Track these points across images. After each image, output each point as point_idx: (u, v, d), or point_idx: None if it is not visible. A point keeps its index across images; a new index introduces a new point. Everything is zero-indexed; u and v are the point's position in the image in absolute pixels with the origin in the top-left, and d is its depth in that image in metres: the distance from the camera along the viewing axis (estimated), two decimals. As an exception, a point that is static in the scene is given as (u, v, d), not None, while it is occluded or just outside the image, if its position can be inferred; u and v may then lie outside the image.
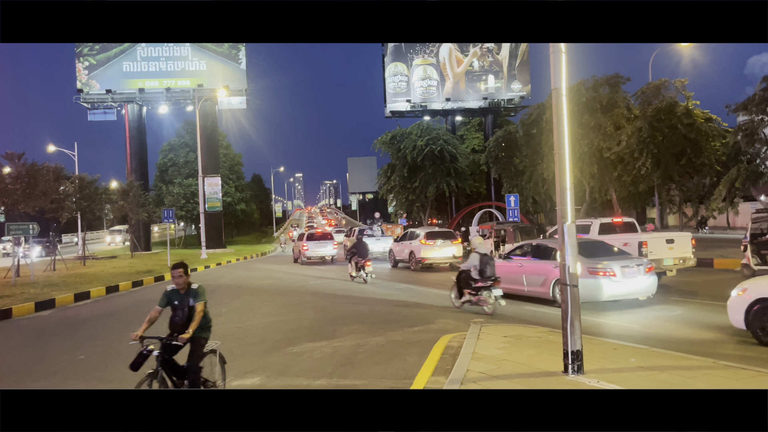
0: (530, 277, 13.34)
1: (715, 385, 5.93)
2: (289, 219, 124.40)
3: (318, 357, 8.50)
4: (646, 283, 12.02)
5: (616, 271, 11.68)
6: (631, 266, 11.91)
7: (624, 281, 11.73)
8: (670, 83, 25.59)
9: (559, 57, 6.41)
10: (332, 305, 14.32)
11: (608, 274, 11.66)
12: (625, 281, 11.74)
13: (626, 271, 11.78)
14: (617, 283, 11.65)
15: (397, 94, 53.06)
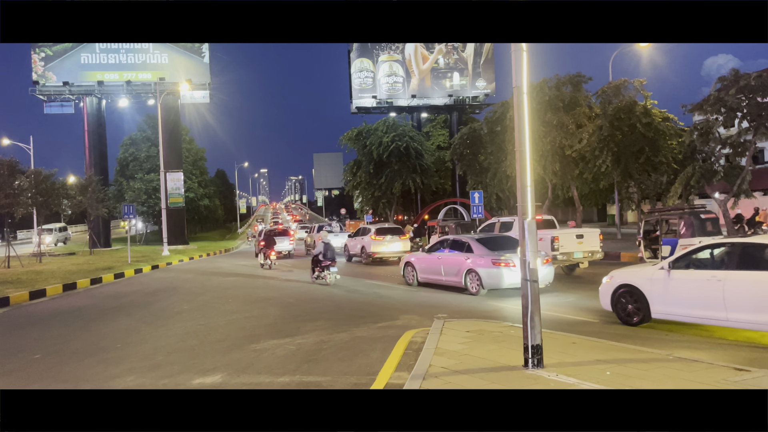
0: (447, 268, 15.24)
1: (668, 377, 6.11)
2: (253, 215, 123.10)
3: (281, 354, 8.45)
4: (543, 273, 13.24)
5: (516, 262, 12.99)
6: None
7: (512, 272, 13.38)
8: (630, 83, 26.18)
9: (521, 56, 6.49)
10: (297, 302, 14.25)
11: (509, 265, 13.45)
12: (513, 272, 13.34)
13: None
14: (517, 272, 12.68)
15: (363, 90, 53.04)
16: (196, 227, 70.52)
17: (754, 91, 21.66)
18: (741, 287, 8.36)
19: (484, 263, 14.03)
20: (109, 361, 8.59)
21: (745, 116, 22.53)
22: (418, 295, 15.02)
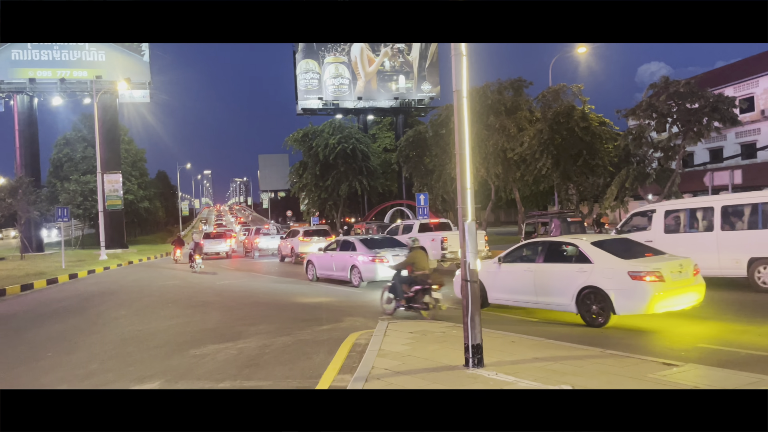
0: (337, 264, 17.43)
1: (601, 372, 6.34)
2: (196, 217, 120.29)
3: (222, 359, 8.29)
4: None
5: (389, 258, 15.57)
6: (401, 254, 15.51)
7: None
8: (568, 88, 26.99)
9: (460, 60, 6.61)
10: (239, 305, 14.02)
11: (383, 261, 15.61)
12: None
13: (396, 257, 15.22)
14: (389, 267, 14.53)
15: (309, 91, 52.73)
16: (136, 230, 68.36)
17: (683, 98, 22.76)
18: (545, 276, 10.39)
19: (363, 260, 16.18)
20: (40, 369, 8.24)
21: (675, 121, 23.64)
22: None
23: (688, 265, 9.75)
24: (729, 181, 19.87)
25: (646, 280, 8.98)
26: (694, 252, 12.37)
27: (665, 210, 14.41)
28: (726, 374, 6.13)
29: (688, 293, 9.51)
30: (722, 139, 37.76)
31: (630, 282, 9.07)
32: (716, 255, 12.92)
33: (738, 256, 12.62)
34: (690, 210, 14.08)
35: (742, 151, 37.22)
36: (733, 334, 8.79)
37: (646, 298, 8.93)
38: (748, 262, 12.61)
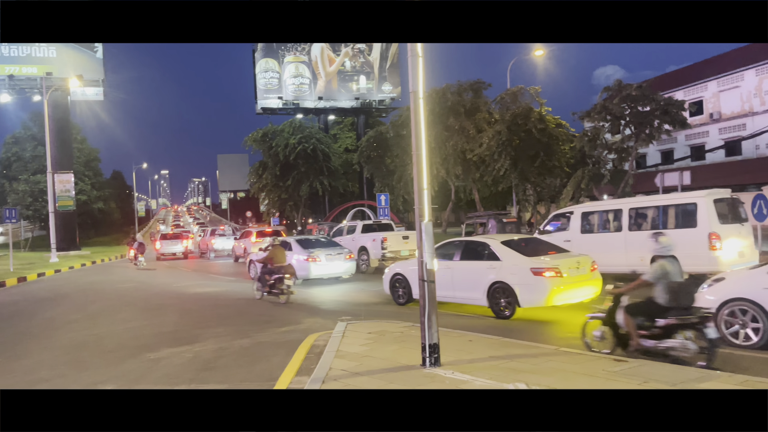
0: None
1: (556, 370, 6.47)
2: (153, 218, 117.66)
3: (178, 363, 8.14)
4: (345, 266, 17.31)
5: (322, 257, 16.77)
6: (333, 254, 17.03)
7: (327, 264, 16.85)
8: (526, 90, 27.53)
9: (416, 61, 6.64)
10: (198, 308, 13.78)
11: (316, 260, 16.74)
12: (328, 264, 16.88)
13: (330, 257, 16.87)
14: (322, 266, 16.73)
15: (269, 90, 52.23)
16: (90, 232, 66.41)
17: (636, 101, 23.45)
18: (461, 273, 11.20)
19: (298, 259, 16.89)
20: (-16, 378, 7.92)
21: (628, 124, 24.34)
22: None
23: (586, 262, 10.59)
24: (679, 182, 20.52)
25: (546, 275, 9.82)
26: (606, 251, 13.91)
27: (581, 212, 15.17)
28: (673, 369, 6.33)
29: (586, 287, 10.36)
30: (673, 141, 38.98)
31: (532, 277, 9.88)
32: (624, 254, 13.68)
33: (643, 254, 13.15)
34: (602, 212, 14.90)
35: (691, 152, 38.49)
36: None
37: (546, 291, 9.79)
38: (651, 260, 13.14)
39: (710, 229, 12.38)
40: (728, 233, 12.55)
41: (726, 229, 12.55)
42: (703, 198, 12.75)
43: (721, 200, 12.99)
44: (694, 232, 12.58)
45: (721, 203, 12.93)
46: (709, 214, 12.52)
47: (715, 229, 12.37)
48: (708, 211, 12.54)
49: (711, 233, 12.32)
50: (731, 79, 36.70)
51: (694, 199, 13.01)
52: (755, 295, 7.47)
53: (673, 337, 6.77)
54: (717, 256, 12.23)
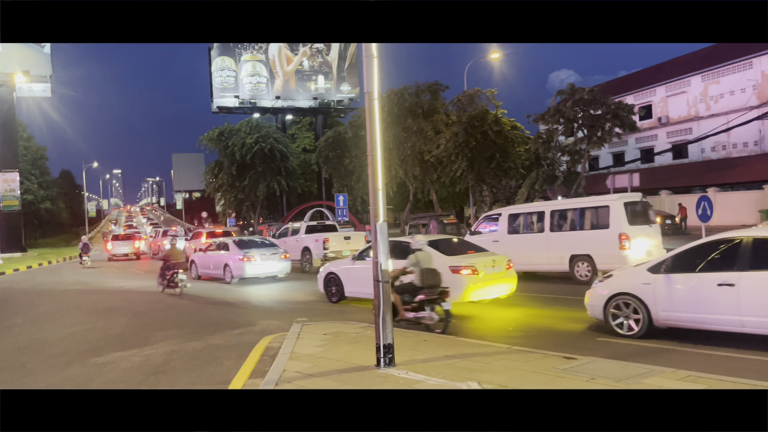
0: (214, 263, 19.15)
1: (507, 368, 6.56)
2: (105, 218, 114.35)
3: (126, 367, 7.92)
4: (280, 266, 18.19)
5: (257, 257, 17.65)
6: (268, 254, 17.90)
7: (262, 264, 17.69)
8: (482, 93, 27.89)
9: (371, 62, 6.64)
10: (148, 310, 13.44)
11: (251, 259, 17.58)
12: (263, 264, 17.71)
13: (264, 257, 17.76)
14: (257, 265, 17.59)
15: (225, 89, 51.45)
16: (37, 233, 64.16)
17: (588, 104, 24.05)
18: None
19: (234, 259, 17.89)
20: None
21: (580, 126, 24.93)
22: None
23: (502, 261, 11.22)
24: (628, 184, 21.15)
25: (463, 273, 10.37)
26: (530, 250, 14.98)
27: (508, 214, 15.98)
28: (620, 366, 6.50)
29: (501, 284, 11.05)
30: (624, 144, 40.16)
31: (450, 275, 10.28)
32: (546, 253, 14.75)
33: (562, 253, 14.45)
34: (527, 214, 15.64)
35: (641, 155, 39.74)
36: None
37: (463, 288, 10.32)
38: (569, 258, 14.31)
39: (620, 230, 13.33)
40: (637, 234, 13.47)
41: (635, 230, 13.46)
42: (615, 201, 13.72)
43: (632, 203, 13.88)
44: (606, 233, 13.54)
45: (632, 206, 13.81)
46: (620, 217, 13.44)
47: (624, 230, 13.30)
48: (619, 213, 13.46)
49: (621, 234, 13.27)
50: (678, 85, 38.06)
51: (607, 202, 13.92)
52: (636, 289, 8.22)
53: (424, 309, 9.23)
54: (626, 255, 13.09)
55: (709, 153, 36.01)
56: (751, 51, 33.10)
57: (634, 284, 8.31)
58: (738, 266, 7.30)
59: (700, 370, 6.25)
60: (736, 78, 34.07)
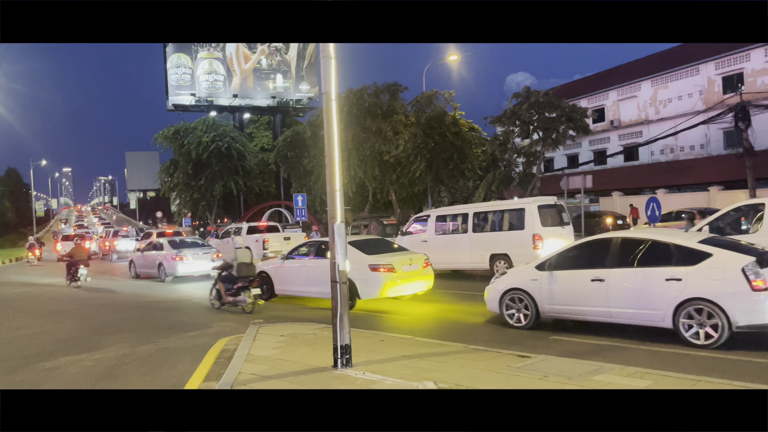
0: (148, 263, 20.15)
1: (462, 367, 6.64)
2: (54, 218, 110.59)
3: (75, 372, 7.69)
4: (212, 265, 17.84)
5: (189, 257, 18.75)
6: (200, 254, 19.05)
7: (194, 263, 18.70)
8: (441, 94, 28.11)
9: (329, 62, 6.63)
10: (98, 313, 13.07)
11: (183, 258, 18.66)
12: (195, 263, 18.71)
13: (196, 256, 18.84)
14: (189, 264, 18.67)
15: (181, 86, 50.40)
16: (-20, 233, 61.56)
17: (543, 107, 24.54)
18: (314, 270, 12.25)
19: (167, 258, 18.90)
20: None
21: (536, 129, 25.41)
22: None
23: (419, 259, 11.99)
24: (582, 185, 21.67)
25: (381, 271, 11.16)
26: (455, 250, 15.90)
27: (436, 215, 16.89)
28: (571, 363, 6.67)
29: (418, 281, 11.82)
30: (578, 146, 41.11)
31: (370, 273, 11.17)
32: (469, 252, 15.60)
33: (483, 253, 15.36)
34: (452, 215, 16.57)
35: (594, 157, 40.76)
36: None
37: (380, 285, 11.12)
38: (489, 257, 15.15)
39: (534, 231, 14.29)
40: (549, 234, 14.36)
41: (548, 231, 14.38)
42: (530, 204, 14.77)
43: (546, 206, 14.93)
44: (522, 233, 14.50)
45: (546, 209, 14.83)
46: (534, 219, 14.40)
47: (537, 231, 14.26)
48: (533, 215, 14.43)
49: (534, 234, 14.23)
50: (630, 89, 39.21)
51: (522, 205, 15.01)
52: (525, 285, 9.06)
53: (240, 295, 11.89)
54: (539, 254, 13.72)
55: (659, 156, 37.23)
56: (697, 57, 34.37)
57: (524, 280, 9.09)
58: (608, 264, 8.11)
59: (647, 366, 6.47)
60: (684, 83, 35.31)
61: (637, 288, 7.82)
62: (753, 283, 6.94)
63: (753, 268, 7.01)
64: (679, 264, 7.53)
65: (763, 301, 6.91)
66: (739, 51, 31.98)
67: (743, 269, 7.03)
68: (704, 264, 7.33)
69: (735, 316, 7.02)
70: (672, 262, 7.63)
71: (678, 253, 7.66)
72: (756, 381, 5.79)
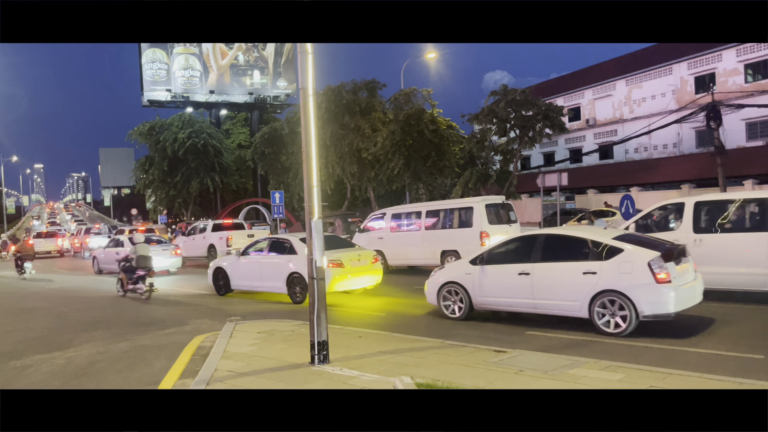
0: (109, 260, 20.55)
1: (439, 362, 6.69)
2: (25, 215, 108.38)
3: (47, 370, 7.56)
4: (171, 261, 19.91)
5: None
6: (159, 250, 18.85)
7: (154, 258, 17.56)
8: (419, 92, 28.15)
9: (306, 58, 6.61)
10: (72, 311, 12.86)
11: None
12: (155, 258, 17.24)
13: (156, 253, 17.64)
14: None
15: (156, 82, 49.70)
16: (-51, 230, 60.13)
17: (520, 105, 24.71)
18: (267, 266, 12.86)
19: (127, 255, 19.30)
20: None
21: (513, 127, 25.59)
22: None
23: (368, 255, 12.57)
24: (557, 183, 21.89)
25: (329, 266, 11.30)
26: (409, 246, 16.61)
27: (392, 213, 17.53)
28: (546, 358, 6.75)
29: (366, 276, 12.31)
30: (554, 144, 41.55)
31: None
32: (422, 249, 16.23)
33: (435, 249, 15.99)
34: (407, 213, 17.25)
35: (570, 155, 41.20)
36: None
37: (328, 280, 11.04)
38: (440, 253, 15.78)
39: (481, 228, 14.92)
40: (496, 232, 14.95)
41: (494, 228, 15.01)
42: (478, 203, 15.39)
43: (493, 205, 15.64)
44: (470, 231, 15.17)
45: (493, 208, 15.55)
46: (481, 217, 15.06)
47: (485, 228, 14.89)
48: (480, 214, 15.09)
49: (482, 231, 14.86)
50: (605, 88, 39.71)
51: (471, 204, 15.63)
52: (460, 278, 9.61)
53: (138, 284, 13.90)
54: None
55: (633, 154, 37.78)
56: (671, 57, 34.94)
57: (460, 274, 9.66)
58: (533, 258, 8.75)
59: (621, 360, 6.58)
60: (657, 83, 35.86)
61: (558, 281, 8.42)
62: (657, 276, 7.51)
63: (658, 262, 7.59)
64: (595, 259, 8.11)
65: (666, 292, 7.50)
66: (711, 51, 32.59)
67: (649, 263, 7.59)
68: (616, 259, 7.91)
69: (641, 307, 7.62)
70: (589, 257, 8.20)
71: (594, 249, 8.21)
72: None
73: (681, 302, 7.67)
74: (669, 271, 7.55)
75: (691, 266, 8.29)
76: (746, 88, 30.97)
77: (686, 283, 7.87)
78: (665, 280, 7.51)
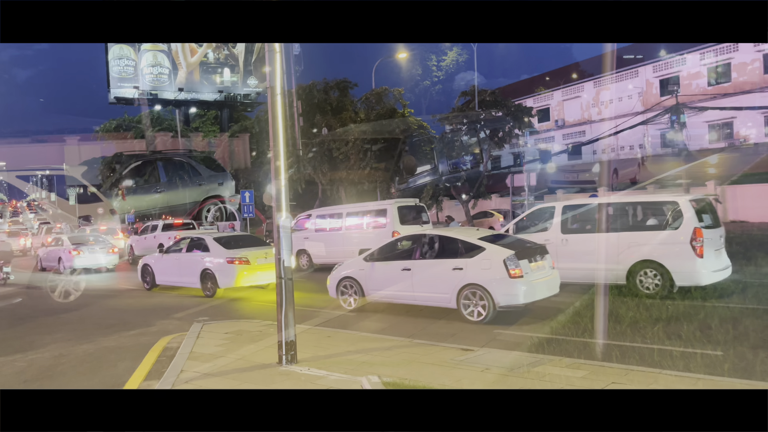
0: (51, 257, 21.74)
1: (407, 361, 6.73)
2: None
3: (7, 372, 7.38)
4: (107, 259, 20.90)
5: (85, 251, 20.35)
6: (96, 248, 20.80)
7: (90, 256, 20.33)
8: (390, 92, 28.27)
9: (274, 56, 6.59)
10: (33, 312, 12.56)
11: (79, 252, 20.25)
12: (90, 256, 20.34)
13: (93, 251, 20.52)
14: (84, 258, 20.23)
15: (123, 79, 48.73)
16: None
17: (489, 106, 24.97)
18: (184, 263, 13.87)
19: (65, 252, 20.66)
20: None
21: (482, 127, 25.85)
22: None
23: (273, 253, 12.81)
24: (526, 183, 22.18)
25: (236, 263, 12.77)
26: (331, 245, 17.42)
27: (317, 214, 18.62)
28: (513, 356, 6.85)
29: (272, 272, 12.55)
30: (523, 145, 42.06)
31: (227, 265, 12.87)
32: (343, 248, 16.81)
33: (354, 248, 16.56)
34: (330, 214, 18.24)
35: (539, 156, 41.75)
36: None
37: (235, 276, 12.76)
38: (359, 252, 16.27)
39: (393, 228, 15.77)
40: (407, 232, 15.34)
41: (406, 228, 15.59)
42: (391, 205, 16.40)
43: (406, 207, 16.75)
44: (383, 231, 15.95)
45: (406, 209, 16.61)
46: (393, 217, 16.00)
47: (396, 228, 15.72)
48: (393, 215, 16.02)
49: (393, 231, 15.55)
50: (573, 90, 40.38)
51: (385, 206, 16.57)
52: (356, 273, 10.54)
53: None
54: None
55: (601, 155, 38.48)
56: (637, 60, 35.69)
57: (355, 270, 10.61)
58: (414, 256, 9.80)
59: (583, 358, 6.71)
60: (624, 85, 36.60)
61: (434, 275, 9.40)
62: (511, 272, 8.57)
63: (512, 259, 8.65)
64: (463, 256, 9.16)
65: (518, 286, 8.58)
66: (675, 54, 33.39)
67: (504, 260, 8.64)
68: (479, 256, 8.97)
69: (497, 298, 8.65)
70: (458, 255, 9.24)
71: (463, 247, 9.26)
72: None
73: (531, 294, 8.74)
74: (521, 267, 8.62)
75: (548, 263, 9.35)
76: (709, 90, 31.82)
77: (539, 279, 8.93)
78: (518, 275, 8.57)
